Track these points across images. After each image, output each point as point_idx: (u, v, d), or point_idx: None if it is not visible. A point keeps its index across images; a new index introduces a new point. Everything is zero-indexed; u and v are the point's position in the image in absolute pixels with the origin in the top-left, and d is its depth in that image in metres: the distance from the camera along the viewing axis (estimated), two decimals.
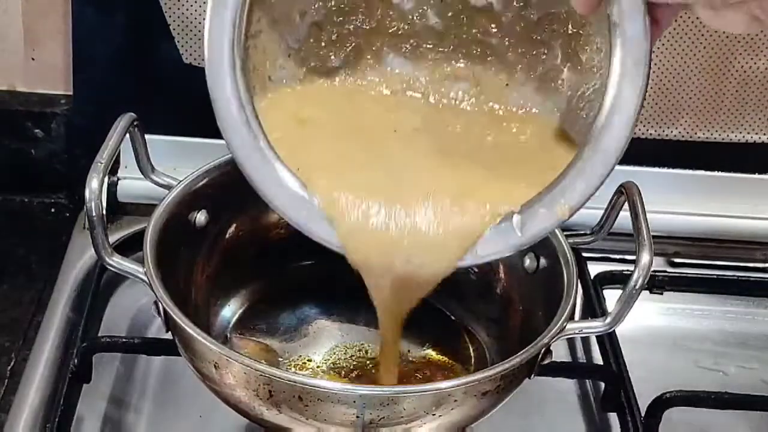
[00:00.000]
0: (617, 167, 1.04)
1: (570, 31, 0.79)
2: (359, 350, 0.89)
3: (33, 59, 1.08)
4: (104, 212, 0.75)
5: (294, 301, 0.93)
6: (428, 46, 0.82)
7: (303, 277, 0.93)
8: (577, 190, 0.74)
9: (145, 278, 0.76)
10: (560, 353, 0.94)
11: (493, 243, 0.74)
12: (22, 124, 1.08)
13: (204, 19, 0.72)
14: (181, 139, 1.02)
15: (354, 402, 0.70)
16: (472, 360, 0.89)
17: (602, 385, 0.91)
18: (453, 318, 0.92)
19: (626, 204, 0.81)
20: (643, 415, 0.86)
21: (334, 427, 0.72)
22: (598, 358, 0.94)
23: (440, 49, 0.82)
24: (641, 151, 1.06)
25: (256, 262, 0.92)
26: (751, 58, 1.04)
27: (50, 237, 1.05)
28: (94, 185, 0.74)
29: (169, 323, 0.77)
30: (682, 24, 1.02)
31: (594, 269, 1.02)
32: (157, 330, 0.91)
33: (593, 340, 0.96)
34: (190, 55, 1.02)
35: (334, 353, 0.89)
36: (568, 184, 0.74)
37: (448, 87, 0.82)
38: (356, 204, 0.74)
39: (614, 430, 0.89)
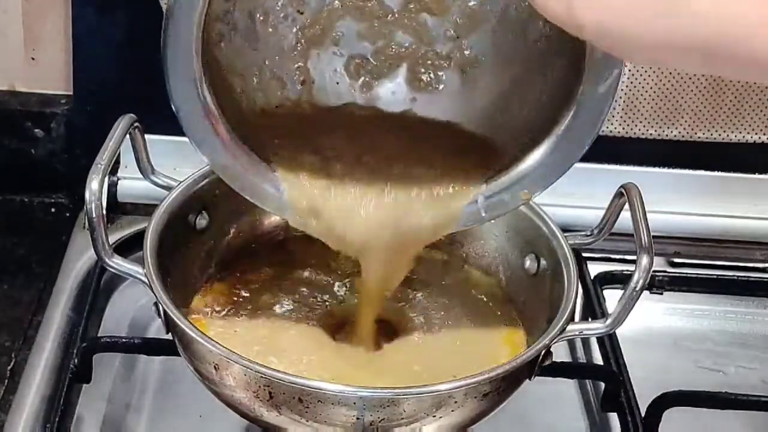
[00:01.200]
0: (617, 167, 1.06)
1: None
2: None
3: (33, 59, 1.08)
4: (104, 213, 0.75)
5: None
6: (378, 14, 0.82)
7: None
8: (538, 178, 0.78)
9: (145, 279, 0.76)
10: (560, 353, 0.94)
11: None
12: (22, 124, 1.07)
13: None
14: (181, 139, 1.00)
15: (354, 404, 0.70)
16: None
17: (602, 385, 0.91)
18: None
19: (627, 205, 0.80)
20: (643, 415, 0.86)
21: (335, 429, 0.72)
22: (598, 358, 0.94)
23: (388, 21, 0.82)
24: (641, 151, 1.07)
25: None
26: None
27: (50, 237, 1.04)
28: (95, 186, 0.74)
29: (168, 324, 0.77)
30: None
31: (594, 269, 1.02)
32: (157, 330, 0.90)
33: (593, 340, 0.96)
34: None
35: None
36: (532, 171, 0.77)
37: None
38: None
39: (614, 430, 0.89)
